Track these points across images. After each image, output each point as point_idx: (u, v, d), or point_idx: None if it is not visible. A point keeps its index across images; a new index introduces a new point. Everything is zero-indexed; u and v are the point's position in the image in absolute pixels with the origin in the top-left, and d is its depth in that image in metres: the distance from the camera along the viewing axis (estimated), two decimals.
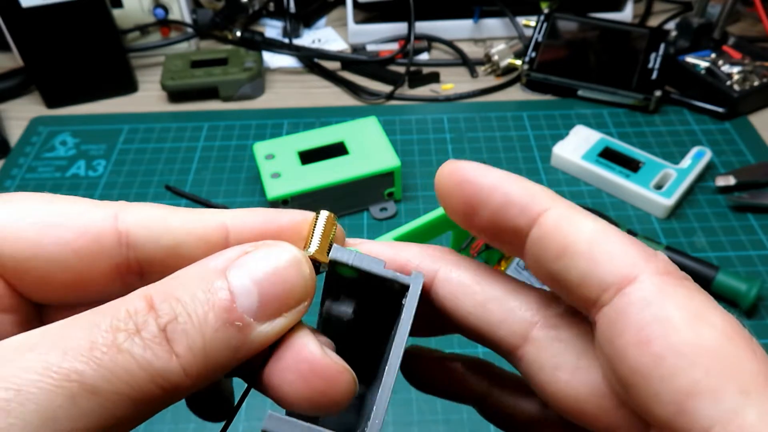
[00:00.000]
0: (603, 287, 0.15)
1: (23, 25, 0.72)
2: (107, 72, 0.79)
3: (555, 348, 0.17)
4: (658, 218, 0.62)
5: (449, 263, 0.19)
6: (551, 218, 0.16)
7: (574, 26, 0.83)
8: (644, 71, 0.75)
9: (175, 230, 0.18)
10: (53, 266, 0.17)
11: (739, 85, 0.73)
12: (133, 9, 0.84)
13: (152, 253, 0.18)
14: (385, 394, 0.16)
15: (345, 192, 0.61)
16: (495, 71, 0.83)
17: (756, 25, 0.89)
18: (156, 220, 0.18)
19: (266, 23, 0.95)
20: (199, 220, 0.18)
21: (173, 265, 0.18)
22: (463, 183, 0.17)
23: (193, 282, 0.16)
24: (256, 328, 0.16)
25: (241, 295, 0.15)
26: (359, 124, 0.66)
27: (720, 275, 0.53)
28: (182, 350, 0.15)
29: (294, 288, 0.16)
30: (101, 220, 0.18)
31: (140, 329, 0.14)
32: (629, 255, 0.15)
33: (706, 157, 0.65)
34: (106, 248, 0.18)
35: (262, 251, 0.16)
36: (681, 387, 0.14)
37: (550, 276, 0.17)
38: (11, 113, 0.79)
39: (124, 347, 0.14)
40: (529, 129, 0.74)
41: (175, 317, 0.15)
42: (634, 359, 0.14)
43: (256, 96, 0.80)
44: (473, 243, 0.53)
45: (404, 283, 0.18)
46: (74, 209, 0.18)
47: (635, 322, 0.14)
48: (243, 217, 0.19)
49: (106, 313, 0.15)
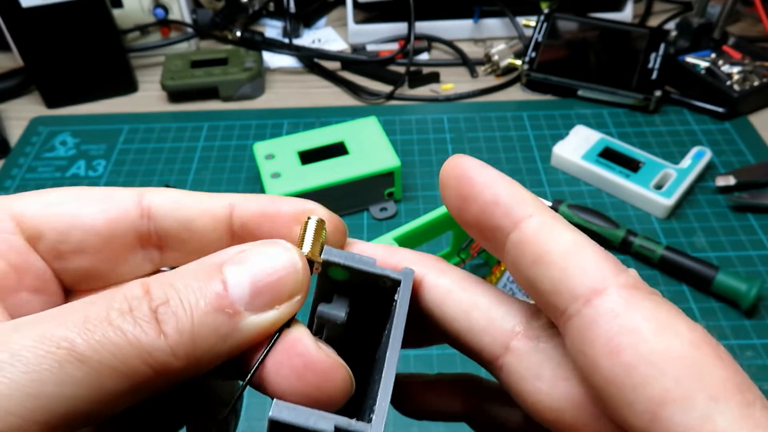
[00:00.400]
0: (573, 297, 0.16)
1: (23, 25, 0.72)
2: (107, 72, 0.79)
3: (535, 358, 0.17)
4: (658, 218, 0.62)
5: (437, 270, 0.20)
6: (532, 225, 0.17)
7: (574, 26, 0.83)
8: (644, 71, 0.75)
9: (188, 206, 0.20)
10: (88, 235, 0.19)
11: (739, 85, 0.73)
12: (133, 9, 0.84)
13: (168, 226, 0.20)
14: (390, 378, 0.16)
15: (345, 192, 0.61)
16: (495, 71, 0.83)
17: (756, 25, 0.89)
18: (173, 198, 0.20)
19: (266, 23, 0.95)
20: (208, 199, 0.20)
21: (186, 238, 0.20)
22: (461, 177, 0.18)
23: (190, 273, 0.16)
24: (246, 317, 0.16)
25: (234, 285, 0.16)
26: (359, 124, 0.66)
27: (720, 275, 0.53)
28: (170, 330, 0.15)
29: (286, 280, 0.17)
30: (128, 196, 0.20)
31: (133, 309, 0.15)
32: (600, 268, 0.16)
33: (706, 157, 0.65)
34: (132, 219, 0.20)
35: (258, 248, 0.17)
36: (653, 395, 0.14)
37: (526, 281, 0.17)
38: (11, 113, 0.79)
39: (116, 323, 0.15)
40: (529, 129, 0.74)
41: (167, 300, 0.15)
42: (605, 369, 0.15)
43: (256, 96, 0.80)
44: (473, 243, 0.53)
45: (395, 278, 0.18)
46: (105, 191, 0.20)
47: (604, 332, 0.15)
48: (247, 198, 0.20)
49: (102, 298, 0.16)
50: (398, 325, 0.18)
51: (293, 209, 0.20)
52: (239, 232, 0.20)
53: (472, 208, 0.18)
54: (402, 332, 0.17)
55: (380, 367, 0.18)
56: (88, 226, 0.19)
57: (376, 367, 0.19)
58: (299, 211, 0.20)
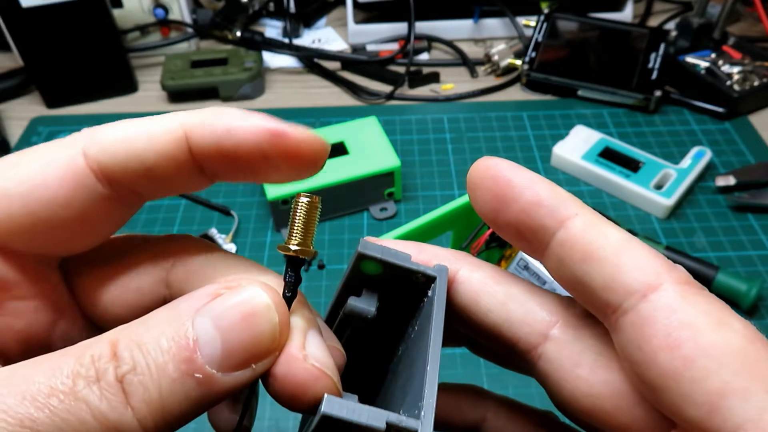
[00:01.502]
0: (628, 293, 0.16)
1: (23, 25, 0.72)
2: (107, 72, 0.79)
3: (575, 346, 0.18)
4: (658, 218, 0.62)
5: (470, 264, 0.20)
6: (579, 223, 0.17)
7: (574, 26, 0.83)
8: (644, 71, 0.75)
9: (140, 153, 0.17)
10: (53, 221, 0.17)
11: (739, 85, 0.73)
12: (133, 9, 0.84)
13: (131, 180, 0.17)
14: (434, 373, 0.16)
15: (345, 192, 0.61)
16: (495, 71, 0.83)
17: (756, 25, 0.89)
18: (120, 143, 0.17)
19: (266, 23, 0.95)
20: (159, 135, 0.17)
21: (154, 186, 0.18)
22: (496, 178, 0.18)
23: (159, 327, 0.15)
24: (218, 380, 0.15)
25: (205, 344, 0.15)
26: (359, 124, 0.66)
27: (720, 275, 0.53)
28: (138, 403, 0.14)
29: (261, 338, 0.16)
30: (73, 163, 0.17)
31: (100, 377, 0.14)
32: (653, 264, 0.16)
33: (706, 157, 0.65)
34: (90, 188, 0.17)
35: (232, 295, 0.16)
36: (712, 388, 0.14)
37: (572, 278, 0.17)
38: (11, 113, 0.79)
39: (81, 395, 0.14)
40: (529, 129, 0.74)
41: (133, 367, 0.15)
42: (663, 362, 0.15)
43: (256, 96, 0.80)
44: (473, 243, 0.53)
45: (431, 274, 0.18)
46: (44, 160, 0.17)
47: (663, 327, 0.15)
48: (200, 123, 0.17)
49: (71, 357, 0.15)
50: (437, 322, 0.17)
51: (253, 139, 0.17)
52: (206, 164, 0.17)
53: (511, 210, 0.18)
54: (441, 328, 0.17)
55: (414, 362, 0.18)
56: (46, 216, 0.17)
57: (405, 361, 0.19)
58: (263, 143, 0.17)
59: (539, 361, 0.18)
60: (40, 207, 0.17)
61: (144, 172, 0.17)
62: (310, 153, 0.17)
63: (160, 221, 0.63)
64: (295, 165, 0.17)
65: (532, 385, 0.47)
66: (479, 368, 0.50)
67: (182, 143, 0.17)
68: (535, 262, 0.45)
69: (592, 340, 0.18)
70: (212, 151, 0.17)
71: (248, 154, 0.17)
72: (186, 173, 0.17)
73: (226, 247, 0.59)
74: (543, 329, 0.18)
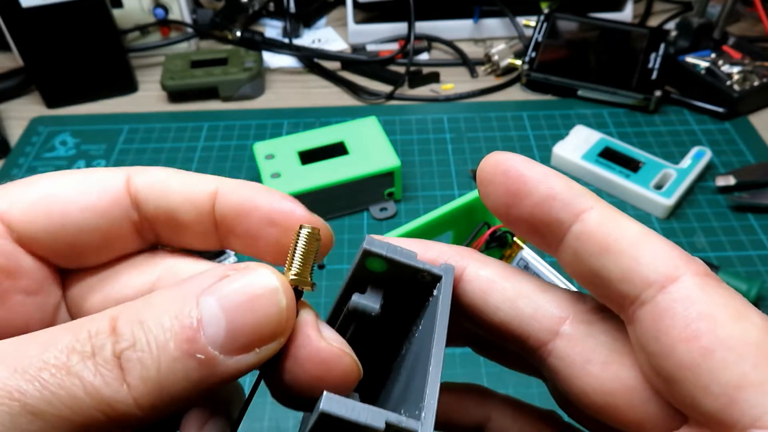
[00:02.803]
0: (646, 284, 0.16)
1: (23, 25, 0.72)
2: (107, 72, 0.79)
3: (586, 342, 0.18)
4: (658, 218, 0.62)
5: (477, 261, 0.20)
6: (595, 216, 0.17)
7: (574, 26, 0.83)
8: (644, 71, 0.75)
9: (172, 194, 0.19)
10: (82, 231, 0.19)
11: (739, 85, 0.73)
12: (133, 9, 0.84)
13: (155, 215, 0.19)
14: (436, 373, 0.16)
15: (345, 192, 0.61)
16: (495, 71, 0.83)
17: (756, 25, 0.89)
18: (160, 182, 0.19)
19: (266, 23, 0.95)
20: (193, 186, 0.19)
21: (173, 226, 0.19)
22: (508, 173, 0.18)
23: (163, 306, 0.15)
24: (221, 363, 0.15)
25: (209, 324, 0.15)
26: (359, 124, 0.66)
27: (720, 275, 0.53)
28: (134, 380, 0.14)
29: (267, 322, 0.15)
30: (116, 183, 0.19)
31: (96, 353, 0.14)
32: (672, 256, 0.16)
33: (706, 157, 0.65)
34: (124, 208, 0.19)
35: (239, 276, 0.16)
36: (731, 379, 0.14)
37: (589, 272, 0.17)
38: (11, 113, 0.79)
39: (74, 370, 0.14)
40: (529, 129, 0.74)
41: (133, 344, 0.14)
42: (682, 354, 0.15)
43: (256, 96, 0.80)
44: (473, 243, 0.53)
45: (437, 273, 0.18)
46: (90, 176, 0.19)
47: (682, 318, 0.15)
48: (231, 187, 0.19)
49: (68, 331, 0.14)
50: (442, 321, 0.17)
51: (268, 209, 0.19)
52: (221, 224, 0.19)
53: (525, 204, 0.18)
54: (446, 328, 0.17)
55: (417, 362, 0.18)
56: (79, 223, 0.18)
57: (408, 361, 0.19)
58: (275, 212, 0.19)
59: (549, 357, 0.18)
60: (79, 216, 0.18)
61: (169, 214, 0.19)
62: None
63: None
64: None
65: (532, 385, 0.47)
66: (479, 368, 0.50)
67: (212, 198, 0.19)
68: (535, 263, 0.45)
69: (604, 336, 0.18)
70: (233, 210, 0.19)
71: (258, 221, 0.19)
72: (205, 228, 0.19)
73: None
74: (553, 326, 0.18)
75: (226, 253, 0.58)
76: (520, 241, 0.47)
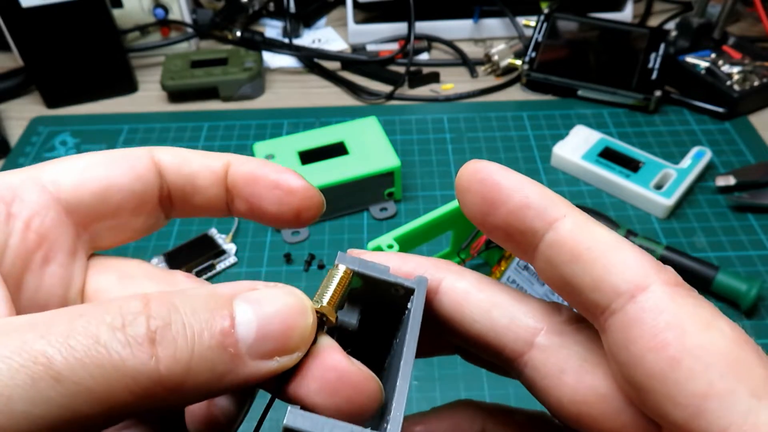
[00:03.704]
0: (616, 293, 0.16)
1: (23, 25, 0.72)
2: (107, 72, 0.79)
3: (560, 353, 0.18)
4: (658, 218, 0.62)
5: (453, 273, 0.20)
6: (567, 225, 0.17)
7: (574, 26, 0.83)
8: (644, 71, 0.75)
9: (192, 164, 0.21)
10: (124, 196, 0.20)
11: (739, 85, 0.73)
12: (133, 9, 0.84)
13: (176, 181, 0.21)
14: (404, 386, 0.16)
15: (345, 192, 0.61)
16: (495, 71, 0.83)
17: (756, 25, 0.89)
18: (181, 155, 0.21)
19: (266, 23, 0.95)
20: (208, 156, 0.22)
21: (191, 192, 0.21)
22: (485, 181, 0.18)
23: (197, 299, 0.15)
24: (245, 362, 0.15)
25: (242, 324, 0.15)
26: (359, 124, 0.66)
27: (720, 275, 0.53)
28: (165, 356, 0.14)
29: (293, 334, 0.16)
30: (144, 155, 0.21)
31: (126, 325, 0.14)
32: (642, 265, 0.16)
33: (706, 157, 0.65)
34: (154, 176, 0.21)
35: (272, 290, 0.16)
36: (697, 389, 0.14)
37: (561, 280, 0.17)
38: (11, 113, 0.79)
39: (102, 340, 0.14)
40: (529, 129, 0.74)
41: (169, 323, 0.14)
42: (650, 363, 0.15)
43: (256, 96, 0.80)
44: (473, 243, 0.53)
45: (409, 287, 0.18)
46: (123, 153, 0.21)
47: (650, 327, 0.15)
48: (241, 159, 0.22)
49: (97, 306, 0.14)
50: (412, 334, 0.17)
51: (275, 175, 0.21)
52: (231, 189, 0.21)
53: (500, 212, 0.18)
54: (416, 341, 0.17)
55: (392, 375, 0.17)
56: (122, 188, 0.20)
57: (387, 375, 0.19)
58: (280, 179, 0.21)
59: (525, 369, 0.18)
60: (121, 184, 0.20)
61: (190, 180, 0.21)
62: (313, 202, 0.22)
63: None
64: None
65: None
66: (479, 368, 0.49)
67: (226, 167, 0.21)
68: None
69: (578, 347, 0.18)
70: (243, 177, 0.21)
71: (265, 186, 0.21)
72: (217, 192, 0.22)
73: (226, 247, 0.59)
74: (528, 337, 0.18)
75: (226, 253, 0.59)
76: None
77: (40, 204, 0.19)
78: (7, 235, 0.18)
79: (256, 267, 0.58)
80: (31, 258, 0.19)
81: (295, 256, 0.59)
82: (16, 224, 0.18)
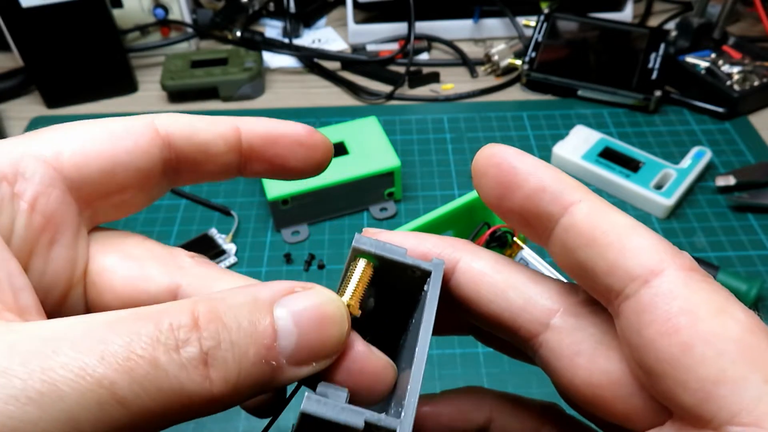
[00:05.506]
0: (630, 278, 0.16)
1: (23, 25, 0.72)
2: (107, 72, 0.79)
3: (575, 335, 0.18)
4: (658, 218, 0.62)
5: (470, 252, 0.20)
6: (583, 209, 0.17)
7: (574, 26, 0.83)
8: (644, 71, 0.75)
9: (202, 131, 0.20)
10: (129, 171, 0.19)
11: (739, 85, 0.73)
12: (133, 9, 0.84)
13: (187, 151, 0.20)
14: (418, 373, 0.16)
15: (345, 192, 0.61)
16: (495, 71, 0.83)
17: (756, 25, 0.89)
18: (187, 122, 0.20)
19: (266, 23, 0.95)
20: (216, 122, 0.21)
21: (202, 160, 0.20)
22: (501, 165, 0.18)
23: (240, 310, 0.16)
24: (284, 371, 0.16)
25: (283, 335, 0.16)
26: (359, 124, 0.66)
27: (720, 275, 0.53)
28: (217, 378, 0.15)
29: (330, 341, 0.16)
30: (146, 124, 0.20)
31: (180, 347, 0.14)
32: (657, 250, 0.16)
33: (706, 157, 0.65)
34: (158, 146, 0.20)
35: (310, 294, 0.17)
36: (708, 375, 0.14)
37: (576, 264, 0.17)
38: (11, 113, 0.79)
39: (161, 363, 0.14)
40: (529, 129, 0.74)
41: (219, 343, 0.15)
42: (661, 348, 0.15)
43: (256, 96, 0.80)
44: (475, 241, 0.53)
45: (426, 269, 0.18)
46: (124, 123, 0.20)
47: (663, 312, 0.15)
48: (250, 122, 0.21)
49: (149, 321, 0.14)
50: (428, 318, 0.17)
51: (295, 132, 0.21)
52: (247, 153, 0.21)
53: (516, 196, 0.18)
54: (432, 325, 0.17)
55: (406, 356, 0.18)
56: (128, 166, 0.19)
57: (401, 355, 0.19)
58: (301, 135, 0.21)
59: (540, 349, 0.18)
60: (125, 157, 0.19)
61: (201, 148, 0.20)
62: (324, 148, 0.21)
63: (160, 221, 0.63)
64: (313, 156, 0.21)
65: (532, 385, 0.47)
66: (479, 368, 0.49)
67: (237, 132, 0.21)
68: (536, 263, 0.45)
69: (593, 329, 0.18)
70: (260, 139, 0.21)
71: (287, 145, 0.21)
72: (230, 158, 0.21)
73: (226, 247, 0.59)
74: (544, 317, 0.18)
75: (226, 252, 0.59)
76: (520, 240, 0.47)
77: (44, 182, 0.18)
78: (13, 217, 0.17)
79: (256, 267, 0.58)
80: (38, 241, 0.18)
81: (295, 256, 0.59)
82: (22, 205, 0.18)
